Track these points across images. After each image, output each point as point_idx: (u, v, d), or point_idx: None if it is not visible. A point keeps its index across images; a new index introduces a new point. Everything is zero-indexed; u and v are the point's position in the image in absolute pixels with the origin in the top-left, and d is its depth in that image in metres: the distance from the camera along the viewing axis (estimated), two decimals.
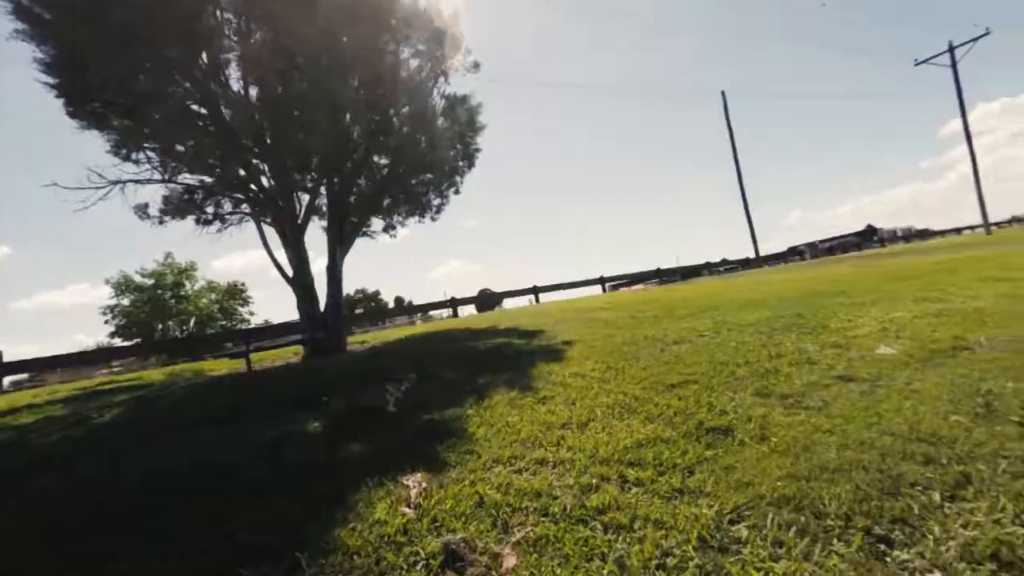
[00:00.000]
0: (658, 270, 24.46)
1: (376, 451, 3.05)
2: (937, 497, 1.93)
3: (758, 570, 1.64)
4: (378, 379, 4.26)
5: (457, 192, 10.86)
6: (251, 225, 9.52)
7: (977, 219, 26.03)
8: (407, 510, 2.24)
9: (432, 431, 3.31)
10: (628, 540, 1.89)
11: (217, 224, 9.84)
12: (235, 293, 28.51)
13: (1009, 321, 4.41)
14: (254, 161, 8.89)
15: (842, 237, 32.95)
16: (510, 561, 1.83)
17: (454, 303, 17.94)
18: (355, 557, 1.95)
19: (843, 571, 1.60)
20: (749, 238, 28.51)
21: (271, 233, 9.21)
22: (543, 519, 2.09)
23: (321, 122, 7.66)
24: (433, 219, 10.86)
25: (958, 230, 39.62)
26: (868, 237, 33.48)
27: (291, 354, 8.96)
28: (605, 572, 1.73)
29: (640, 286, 23.13)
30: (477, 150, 10.67)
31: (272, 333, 12.60)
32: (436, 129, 9.13)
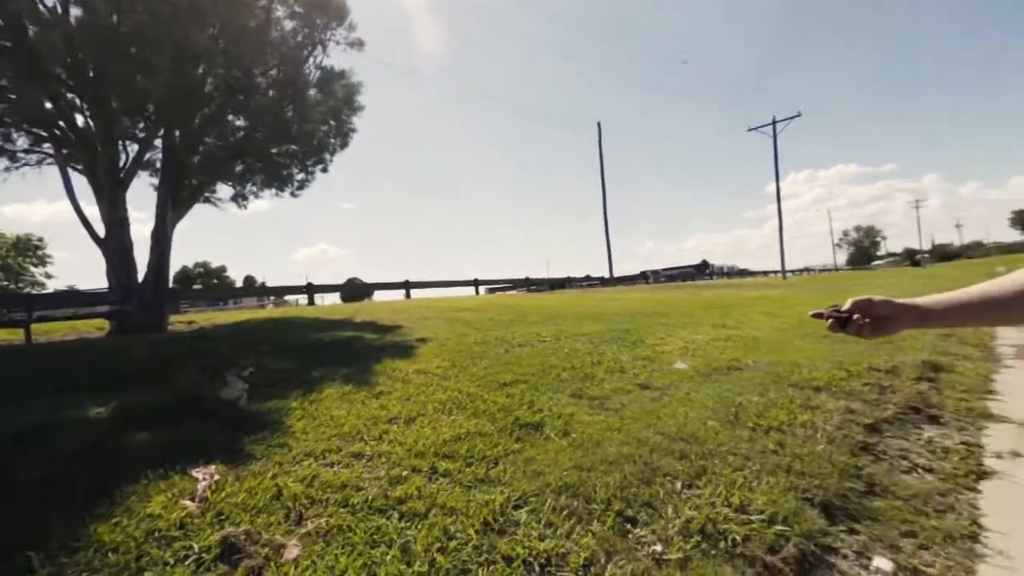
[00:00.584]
0: (527, 279, 25.68)
1: (169, 441, 2.74)
2: (679, 485, 2.35)
3: (525, 548, 1.85)
4: (195, 363, 3.81)
5: (325, 170, 10.23)
6: (54, 169, 7.88)
7: (779, 265, 31.99)
8: (189, 503, 2.06)
9: (242, 422, 3.08)
10: (419, 527, 1.98)
11: (5, 162, 7.97)
12: (26, 249, 23.17)
13: (774, 348, 5.52)
14: (69, 95, 7.38)
15: (682, 268, 38.18)
16: (292, 552, 1.80)
17: (311, 289, 16.73)
18: (110, 554, 1.74)
19: (592, 546, 1.87)
20: (607, 259, 31.33)
21: (82, 183, 7.72)
22: (341, 510, 2.08)
23: (164, 65, 6.65)
24: (294, 194, 10.09)
25: (766, 273, 48.34)
26: (702, 270, 39.26)
27: (93, 328, 7.57)
28: (388, 557, 1.79)
29: (513, 291, 24.08)
30: (352, 130, 10.18)
31: (76, 302, 10.54)
32: (307, 99, 8.51)
